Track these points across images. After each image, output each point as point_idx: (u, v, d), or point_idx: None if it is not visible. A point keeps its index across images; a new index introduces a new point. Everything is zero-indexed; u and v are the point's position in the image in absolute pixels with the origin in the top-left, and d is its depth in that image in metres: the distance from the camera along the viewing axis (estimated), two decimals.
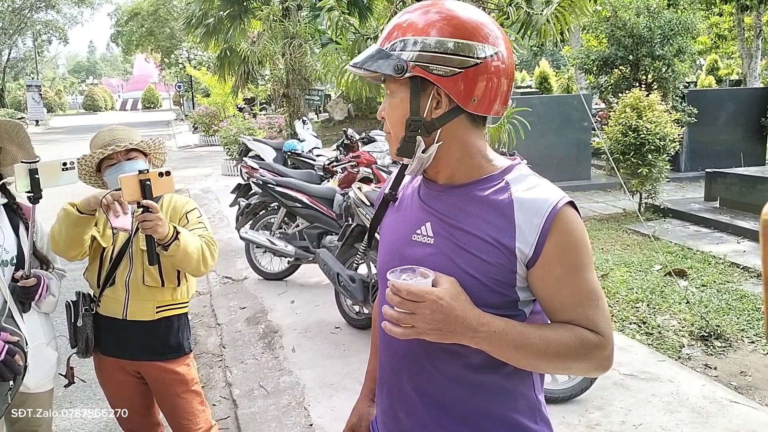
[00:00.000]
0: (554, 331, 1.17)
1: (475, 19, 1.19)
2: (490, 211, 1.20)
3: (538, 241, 1.15)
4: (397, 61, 1.17)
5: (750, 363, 3.95)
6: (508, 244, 1.16)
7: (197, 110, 23.76)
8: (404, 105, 1.21)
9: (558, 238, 1.15)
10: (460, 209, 1.23)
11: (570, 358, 1.16)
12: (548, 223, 1.15)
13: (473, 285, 1.17)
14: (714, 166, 8.70)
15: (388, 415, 1.35)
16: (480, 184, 1.24)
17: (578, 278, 1.18)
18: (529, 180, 1.24)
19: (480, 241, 1.18)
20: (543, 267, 1.16)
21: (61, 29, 43.73)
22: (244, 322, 4.95)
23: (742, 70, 19.02)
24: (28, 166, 2.04)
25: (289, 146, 8.06)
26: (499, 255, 1.17)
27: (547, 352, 1.15)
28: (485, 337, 1.13)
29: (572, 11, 4.50)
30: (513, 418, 1.25)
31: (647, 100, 7.61)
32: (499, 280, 1.17)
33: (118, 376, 2.43)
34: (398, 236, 1.32)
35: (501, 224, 1.18)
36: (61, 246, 2.22)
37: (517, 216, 1.17)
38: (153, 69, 54.99)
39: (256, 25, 13.70)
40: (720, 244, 6.51)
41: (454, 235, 1.21)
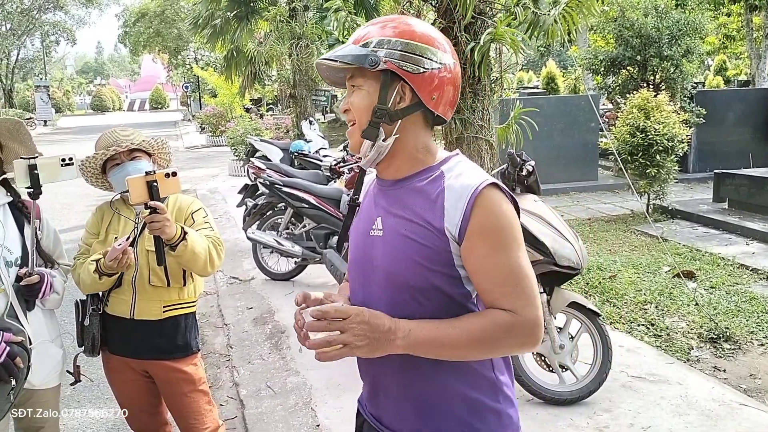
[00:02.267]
0: (468, 319, 1.28)
1: (433, 31, 1.38)
2: (425, 199, 1.33)
3: (462, 222, 1.27)
4: (372, 55, 1.32)
5: (760, 365, 3.92)
6: (438, 226, 1.29)
7: (204, 111, 23.83)
8: (371, 96, 1.35)
9: (479, 218, 1.27)
10: (401, 200, 1.37)
11: (489, 342, 1.27)
12: (470, 204, 1.27)
13: (418, 266, 1.30)
14: (722, 167, 8.65)
15: (369, 390, 1.50)
16: (420, 175, 1.37)
17: (497, 259, 1.27)
18: (459, 167, 1.36)
19: (417, 226, 1.32)
20: (468, 246, 1.28)
21: (69, 30, 43.90)
22: (251, 322, 4.96)
23: (750, 70, 18.91)
24: (28, 162, 2.05)
25: (295, 147, 8.06)
26: (432, 237, 1.30)
27: (467, 341, 1.25)
28: (403, 337, 1.25)
29: (580, 11, 4.47)
30: (472, 396, 1.35)
31: (655, 101, 7.57)
32: (437, 260, 1.30)
33: (126, 375, 2.43)
34: (359, 233, 1.46)
35: (433, 209, 1.31)
36: (87, 292, 2.36)
37: (446, 200, 1.30)
38: (160, 70, 55.18)
39: (262, 26, 13.71)
40: (729, 246, 6.47)
41: (398, 225, 1.35)
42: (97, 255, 2.24)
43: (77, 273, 2.29)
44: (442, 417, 1.35)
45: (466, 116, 4.32)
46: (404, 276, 1.32)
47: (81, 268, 2.27)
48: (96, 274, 2.21)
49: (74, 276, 2.32)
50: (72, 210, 9.68)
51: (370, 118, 1.35)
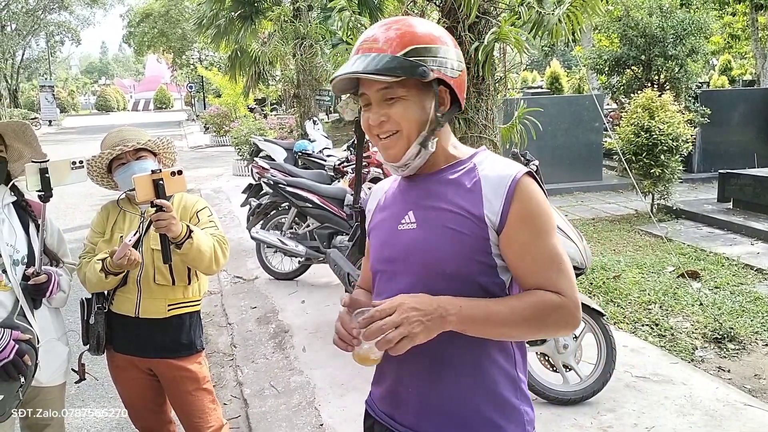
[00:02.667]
0: (518, 298, 1.31)
1: (440, 29, 1.40)
2: (461, 188, 1.36)
3: (503, 209, 1.30)
4: (420, 66, 1.30)
5: (764, 366, 3.91)
6: (478, 213, 1.31)
7: (208, 111, 23.87)
8: (419, 105, 1.34)
9: (520, 205, 1.30)
10: (434, 192, 1.38)
11: (537, 320, 1.29)
12: (510, 192, 1.30)
13: (456, 255, 1.32)
14: (727, 167, 8.63)
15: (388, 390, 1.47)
16: (451, 168, 1.40)
17: (540, 243, 1.31)
18: (490, 159, 1.41)
19: (455, 216, 1.33)
20: (508, 233, 1.30)
21: (74, 30, 43.99)
22: (255, 321, 4.97)
23: (755, 70, 18.85)
24: (39, 166, 2.06)
25: (299, 146, 8.07)
26: (471, 225, 1.32)
27: (515, 319, 1.27)
28: (456, 313, 1.25)
29: (584, 11, 4.47)
30: (497, 393, 1.37)
31: (660, 101, 7.56)
32: (475, 248, 1.32)
33: (130, 373, 2.44)
34: (386, 229, 1.46)
35: (470, 198, 1.33)
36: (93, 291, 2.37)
37: (484, 189, 1.33)
38: (165, 70, 55.23)
39: (266, 26, 13.73)
40: (733, 246, 6.46)
41: (433, 216, 1.36)
42: (103, 254, 2.25)
43: (83, 272, 2.30)
44: (468, 414, 1.36)
45: (470, 116, 4.32)
46: (442, 265, 1.33)
47: (87, 267, 2.28)
48: (102, 273, 2.22)
49: (79, 275, 2.33)
50: (77, 210, 9.71)
51: (420, 127, 1.34)
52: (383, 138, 1.37)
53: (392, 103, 1.34)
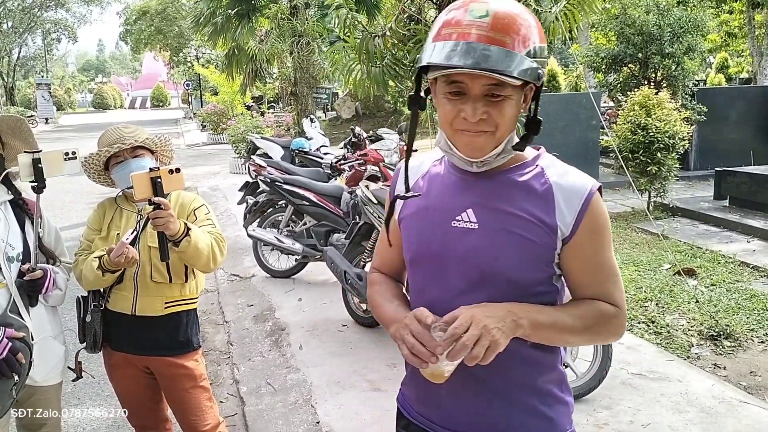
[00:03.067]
0: (579, 307, 1.33)
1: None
2: (531, 194, 1.31)
3: (575, 221, 1.29)
4: (538, 70, 1.21)
5: (760, 363, 3.92)
6: (551, 223, 1.29)
7: (205, 108, 23.83)
8: (517, 105, 1.26)
9: (590, 219, 1.30)
10: (501, 194, 1.33)
11: (596, 329, 1.32)
12: (585, 205, 1.29)
13: (522, 262, 1.29)
14: (724, 165, 8.64)
15: (426, 391, 1.42)
16: (517, 170, 1.35)
17: (603, 256, 1.33)
18: (557, 164, 1.37)
19: (526, 222, 1.29)
20: (576, 245, 1.30)
21: (71, 28, 43.90)
22: (252, 319, 4.97)
23: (752, 68, 18.89)
24: (31, 156, 2.05)
25: (296, 144, 8.07)
26: (542, 234, 1.29)
27: (577, 327, 1.30)
28: (527, 318, 1.24)
29: (581, 9, 4.47)
30: (545, 388, 1.38)
31: (656, 98, 7.57)
32: (541, 257, 1.30)
33: (127, 371, 2.44)
34: (432, 221, 1.38)
35: (543, 206, 1.30)
36: (89, 288, 2.36)
37: (557, 198, 1.30)
38: (162, 67, 55.20)
39: (264, 24, 13.72)
40: (729, 243, 6.47)
41: (501, 219, 1.31)
42: (100, 252, 2.24)
43: (79, 269, 2.30)
44: (516, 408, 1.36)
45: None
46: (505, 272, 1.29)
47: (83, 264, 2.28)
48: (99, 271, 2.21)
49: (75, 272, 2.32)
50: (73, 207, 9.70)
51: (511, 128, 1.29)
52: (473, 134, 1.26)
53: (496, 102, 1.23)
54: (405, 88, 5.73)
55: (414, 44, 4.33)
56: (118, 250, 2.12)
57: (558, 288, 1.35)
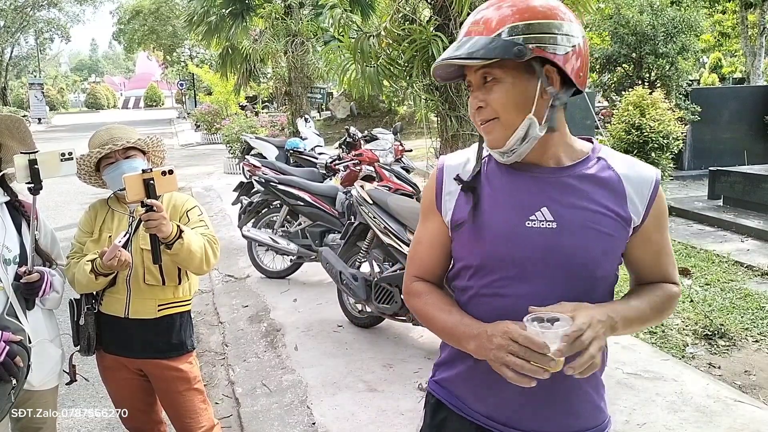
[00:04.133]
0: (652, 294, 1.37)
1: (559, 3, 1.29)
2: (604, 188, 1.32)
3: (646, 210, 1.32)
4: (516, 45, 1.21)
5: (754, 362, 3.93)
6: (625, 215, 1.31)
7: (199, 108, 23.79)
8: (517, 88, 1.25)
9: (656, 207, 1.33)
10: (576, 190, 1.31)
11: (665, 312, 1.39)
12: (654, 193, 1.33)
13: (605, 257, 1.31)
14: (717, 165, 8.67)
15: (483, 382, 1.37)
16: (585, 163, 1.34)
17: (666, 241, 1.39)
18: (619, 156, 1.38)
19: (603, 217, 1.30)
20: (644, 233, 1.34)
21: (63, 27, 43.68)
22: (247, 320, 4.95)
23: (745, 68, 18.96)
24: (28, 157, 2.03)
25: (291, 144, 8.05)
26: (618, 227, 1.31)
27: (653, 314, 1.36)
28: (620, 321, 1.27)
29: (575, 9, 4.47)
30: (599, 379, 1.41)
31: (650, 98, 7.60)
32: (618, 248, 1.33)
33: (120, 374, 2.42)
34: (500, 224, 1.32)
35: (615, 198, 1.31)
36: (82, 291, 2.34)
37: (627, 189, 1.32)
38: (155, 67, 55.02)
39: (258, 23, 13.68)
40: (724, 243, 6.49)
41: (580, 216, 1.29)
42: (93, 255, 2.22)
43: (71, 272, 2.27)
44: (582, 400, 1.39)
45: (462, 113, 4.32)
46: (592, 269, 1.30)
47: (75, 268, 2.25)
48: (92, 275, 2.19)
49: (68, 275, 2.30)
50: (66, 208, 9.65)
51: (521, 111, 1.26)
52: (482, 124, 1.31)
53: (490, 87, 1.27)
54: (399, 88, 5.72)
55: (409, 44, 4.33)
56: (111, 254, 2.10)
57: (618, 276, 1.38)
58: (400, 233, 3.95)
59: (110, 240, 2.26)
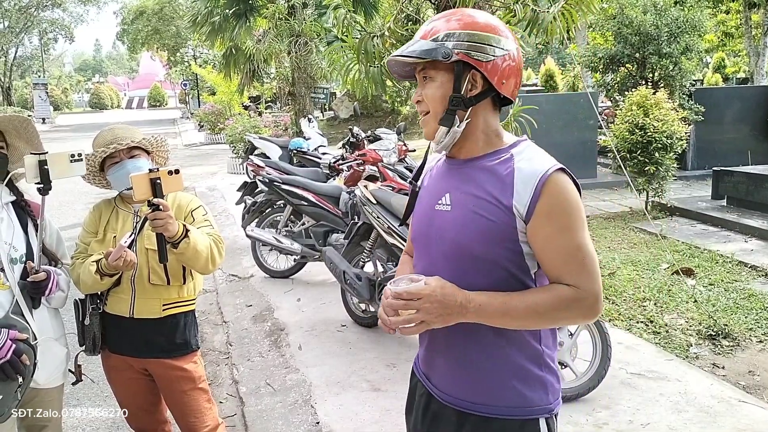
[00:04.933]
0: (534, 294, 1.40)
1: (495, 20, 1.49)
2: (495, 177, 1.43)
3: (531, 201, 1.37)
4: (444, 48, 1.41)
5: (758, 362, 3.93)
6: (507, 203, 1.39)
7: (203, 108, 23.82)
8: (445, 86, 1.45)
9: (547, 200, 1.37)
10: (471, 178, 1.47)
11: (551, 315, 1.39)
12: (540, 186, 1.37)
13: (484, 239, 1.41)
14: (721, 165, 8.65)
15: (425, 353, 1.61)
16: (490, 156, 1.47)
17: (565, 237, 1.38)
18: (528, 151, 1.46)
19: (485, 203, 1.42)
20: (535, 225, 1.38)
21: (67, 27, 43.78)
22: (251, 319, 4.96)
23: (749, 68, 18.92)
24: (38, 158, 2.05)
25: (294, 144, 8.06)
26: (500, 213, 1.40)
27: (530, 313, 1.38)
28: (475, 311, 1.37)
29: (579, 9, 4.48)
30: (522, 364, 1.47)
31: (654, 98, 7.57)
32: (502, 235, 1.40)
33: (125, 373, 2.43)
34: (424, 206, 1.57)
35: (501, 187, 1.41)
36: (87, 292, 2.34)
37: (516, 181, 1.40)
38: (159, 67, 55.10)
39: (261, 24, 13.71)
40: (727, 243, 6.48)
41: (467, 200, 1.45)
42: (98, 255, 2.23)
43: (76, 273, 2.28)
44: (494, 382, 1.47)
45: None
46: (470, 248, 1.42)
47: (80, 268, 2.26)
48: (97, 275, 2.20)
49: (73, 275, 2.31)
50: (70, 208, 9.68)
51: (445, 107, 1.45)
52: (421, 117, 1.52)
53: (425, 84, 1.48)
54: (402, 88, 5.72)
55: None
56: (116, 254, 2.11)
57: (529, 266, 1.43)
58: (403, 233, 3.96)
59: (115, 240, 2.27)
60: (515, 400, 1.46)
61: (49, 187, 2.09)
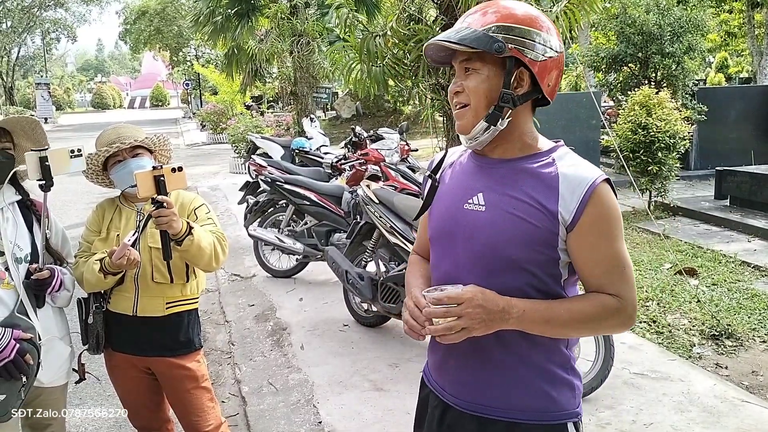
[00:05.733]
0: (577, 302, 1.38)
1: (545, 17, 1.43)
2: (538, 181, 1.39)
3: (577, 209, 1.34)
4: (498, 41, 1.35)
5: (761, 362, 3.92)
6: (552, 208, 1.35)
7: (205, 108, 23.83)
8: (492, 81, 1.39)
9: (594, 209, 1.34)
10: (511, 180, 1.41)
11: (593, 324, 1.38)
12: (587, 195, 1.34)
13: (522, 243, 1.36)
14: (724, 164, 8.64)
15: (440, 360, 1.54)
16: (530, 159, 1.43)
17: (608, 247, 1.37)
18: (570, 157, 1.43)
19: (526, 206, 1.37)
20: (579, 233, 1.35)
21: (70, 27, 43.81)
22: (253, 319, 4.96)
23: (752, 67, 18.89)
24: (38, 154, 2.05)
25: (297, 144, 8.06)
26: (542, 218, 1.35)
27: (572, 322, 1.36)
28: (517, 317, 1.32)
29: (581, 8, 4.46)
30: (548, 368, 1.44)
31: (657, 98, 7.56)
32: (542, 240, 1.36)
33: (128, 372, 2.43)
34: (447, 204, 1.50)
35: (546, 192, 1.37)
36: (90, 290, 2.34)
37: (561, 186, 1.36)
38: (161, 67, 55.22)
39: (263, 23, 13.70)
40: (730, 243, 6.47)
41: (505, 202, 1.39)
42: (101, 254, 2.23)
43: (79, 271, 2.28)
44: (524, 386, 1.43)
45: None
46: (506, 251, 1.38)
47: (84, 267, 2.26)
48: (101, 274, 2.20)
49: (76, 274, 2.31)
50: (73, 207, 9.69)
51: (490, 102, 1.39)
52: (456, 109, 1.43)
53: (468, 75, 1.40)
54: (405, 88, 5.71)
55: (415, 44, 4.32)
56: (120, 253, 2.11)
57: (561, 274, 1.40)
58: (406, 232, 3.96)
59: (118, 239, 2.28)
60: (544, 405, 1.43)
61: (51, 183, 2.09)
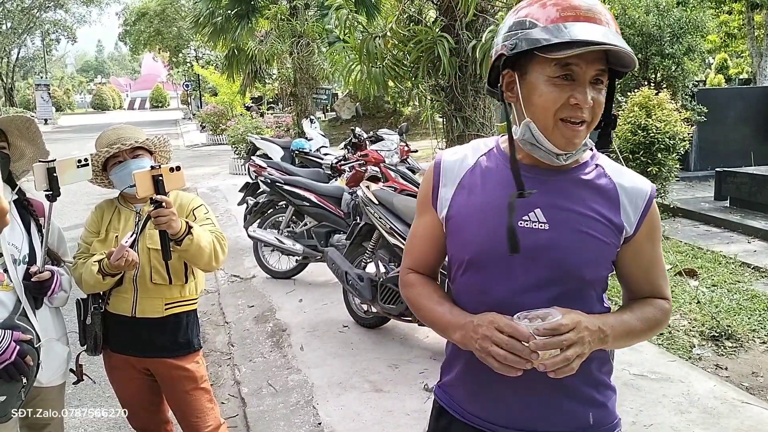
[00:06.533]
0: (643, 310, 1.37)
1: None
2: (599, 194, 1.32)
3: (638, 221, 1.32)
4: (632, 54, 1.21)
5: (762, 363, 3.91)
6: (617, 222, 1.31)
7: (205, 109, 23.86)
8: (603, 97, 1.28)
9: (650, 219, 1.34)
10: (571, 193, 1.32)
11: (657, 327, 1.39)
12: (648, 205, 1.33)
13: (593, 261, 1.31)
14: (724, 165, 8.63)
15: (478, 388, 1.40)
16: (580, 169, 1.35)
17: (658, 255, 1.39)
18: (614, 165, 1.39)
19: (594, 222, 1.30)
20: (635, 244, 1.34)
21: (70, 28, 43.83)
22: (253, 320, 4.96)
23: (751, 68, 18.90)
24: (46, 166, 2.05)
25: (296, 145, 8.07)
26: (610, 233, 1.31)
27: (645, 331, 1.36)
28: (611, 334, 1.27)
29: None
30: (601, 378, 1.41)
31: (657, 99, 7.55)
32: (608, 255, 1.33)
33: (127, 373, 2.43)
34: (493, 221, 1.30)
35: (608, 205, 1.32)
36: (89, 292, 2.35)
37: (622, 198, 1.32)
38: (161, 68, 55.21)
39: (263, 24, 13.71)
40: (730, 244, 6.47)
41: (572, 219, 1.30)
42: (100, 255, 2.23)
43: (78, 273, 2.28)
44: (580, 400, 1.38)
45: (467, 114, 4.32)
46: (579, 271, 1.30)
47: (82, 268, 2.26)
48: (99, 275, 2.20)
49: (75, 275, 2.31)
50: (72, 208, 9.69)
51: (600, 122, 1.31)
52: (575, 123, 1.24)
53: (600, 89, 1.25)
54: (405, 89, 5.71)
55: (414, 45, 4.32)
56: (118, 254, 2.11)
57: (608, 284, 1.41)
58: (405, 233, 3.95)
59: (117, 240, 2.27)
60: (603, 416, 1.40)
61: (58, 194, 2.09)
